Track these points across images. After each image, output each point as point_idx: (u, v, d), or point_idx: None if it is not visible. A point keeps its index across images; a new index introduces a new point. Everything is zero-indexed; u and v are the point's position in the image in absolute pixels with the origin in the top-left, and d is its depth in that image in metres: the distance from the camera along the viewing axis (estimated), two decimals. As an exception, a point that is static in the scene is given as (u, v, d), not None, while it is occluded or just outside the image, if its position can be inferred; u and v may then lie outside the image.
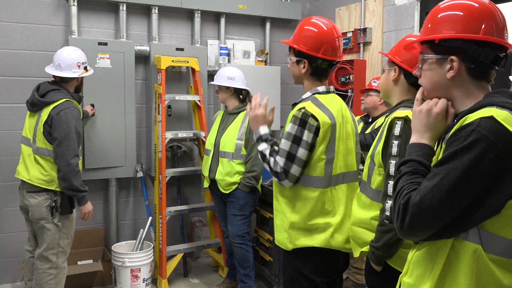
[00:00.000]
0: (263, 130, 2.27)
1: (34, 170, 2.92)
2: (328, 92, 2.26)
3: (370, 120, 3.59)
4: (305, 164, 2.15)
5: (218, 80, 3.58)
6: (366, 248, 1.93)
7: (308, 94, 2.24)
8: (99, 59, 3.86)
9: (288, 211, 2.22)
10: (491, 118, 1.16)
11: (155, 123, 3.98)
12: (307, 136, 2.12)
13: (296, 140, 2.13)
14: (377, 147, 1.88)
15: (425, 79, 1.37)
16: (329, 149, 2.16)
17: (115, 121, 3.97)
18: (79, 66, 3.03)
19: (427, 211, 1.16)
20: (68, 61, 2.99)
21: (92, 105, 3.83)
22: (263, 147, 2.23)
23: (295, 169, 2.14)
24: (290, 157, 2.13)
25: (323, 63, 2.21)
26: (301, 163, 2.14)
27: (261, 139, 2.25)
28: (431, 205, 1.15)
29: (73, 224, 3.07)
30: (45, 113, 2.91)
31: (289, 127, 2.16)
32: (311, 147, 2.14)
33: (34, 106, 2.96)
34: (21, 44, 3.91)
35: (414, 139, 1.37)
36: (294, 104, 2.25)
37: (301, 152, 2.13)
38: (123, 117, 4.00)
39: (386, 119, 1.91)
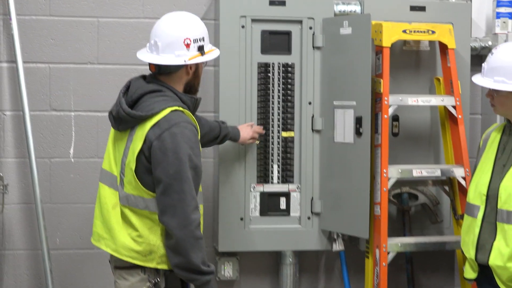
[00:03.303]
0: None
1: (122, 234, 2.46)
2: None
3: None
4: None
5: (494, 77, 2.67)
6: None
7: None
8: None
9: None
10: None
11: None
12: None
13: None
14: None
15: None
16: None
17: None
18: (188, 46, 2.38)
19: None
20: (168, 37, 2.39)
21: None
22: None
23: None
24: None
25: None
26: None
27: None
28: None
29: None
30: (139, 135, 2.33)
31: None
32: None
33: (121, 123, 2.40)
34: (141, 8, 3.09)
35: None
36: None
37: None
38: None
39: None
